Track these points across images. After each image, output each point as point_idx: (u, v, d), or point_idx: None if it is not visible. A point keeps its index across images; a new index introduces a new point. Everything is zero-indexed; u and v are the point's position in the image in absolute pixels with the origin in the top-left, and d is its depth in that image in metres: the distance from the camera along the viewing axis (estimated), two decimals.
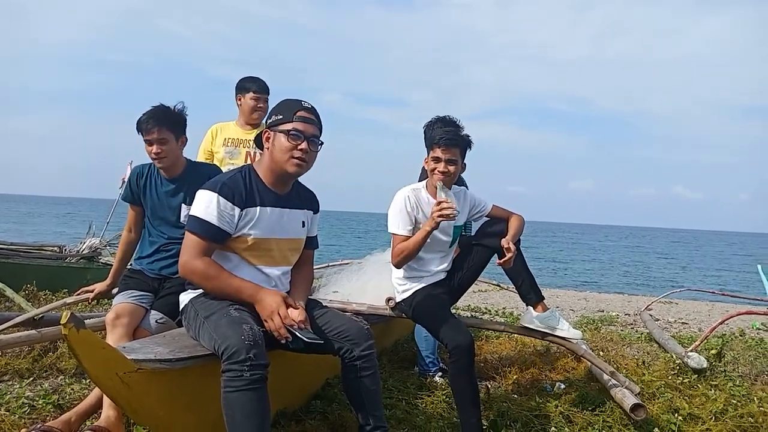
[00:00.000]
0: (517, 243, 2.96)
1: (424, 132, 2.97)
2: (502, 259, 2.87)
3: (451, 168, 2.87)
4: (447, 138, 2.85)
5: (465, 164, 3.01)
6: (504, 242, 2.86)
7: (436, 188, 2.81)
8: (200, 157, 4.11)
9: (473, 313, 6.73)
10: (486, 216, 3.15)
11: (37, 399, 2.84)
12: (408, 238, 2.87)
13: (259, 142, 2.41)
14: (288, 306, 2.18)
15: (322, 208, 2.60)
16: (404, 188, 3.00)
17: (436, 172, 2.88)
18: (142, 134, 2.86)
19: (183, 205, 2.92)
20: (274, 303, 2.14)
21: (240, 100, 4.05)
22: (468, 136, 2.94)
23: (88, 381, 3.08)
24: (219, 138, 4.08)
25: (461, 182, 3.55)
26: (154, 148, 2.84)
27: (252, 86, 3.99)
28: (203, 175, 2.72)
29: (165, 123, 2.84)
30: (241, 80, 4.06)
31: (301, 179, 2.47)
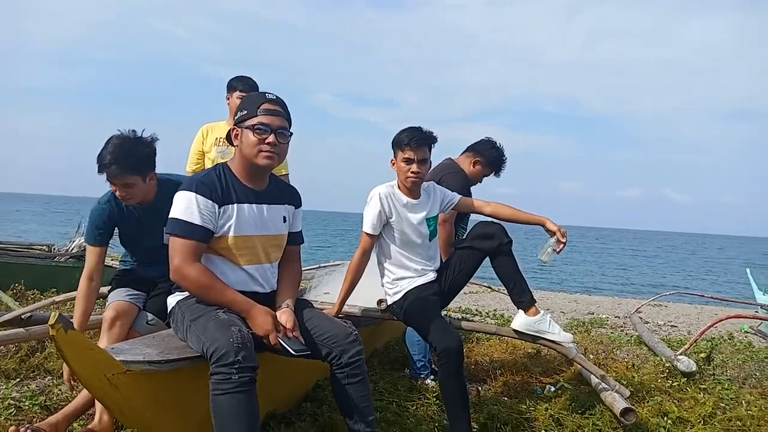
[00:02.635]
0: (509, 244, 2.97)
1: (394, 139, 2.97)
2: (560, 248, 2.95)
3: (423, 169, 2.90)
4: (416, 137, 2.86)
5: (431, 162, 3.02)
6: (554, 228, 2.93)
7: (547, 249, 2.97)
8: (191, 158, 4.09)
9: (464, 315, 6.73)
10: (455, 206, 3.15)
11: (23, 400, 2.81)
12: (375, 239, 2.96)
13: (230, 139, 2.37)
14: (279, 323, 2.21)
15: (311, 207, 2.57)
16: (380, 186, 2.99)
17: (409, 173, 2.88)
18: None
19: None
20: (266, 324, 2.15)
21: (228, 99, 4.05)
22: (432, 132, 2.94)
23: (75, 382, 3.06)
24: (210, 138, 4.07)
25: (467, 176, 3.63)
26: (119, 191, 2.61)
27: (239, 85, 3.98)
28: (177, 187, 2.44)
29: (129, 168, 2.55)
30: (230, 79, 4.05)
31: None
